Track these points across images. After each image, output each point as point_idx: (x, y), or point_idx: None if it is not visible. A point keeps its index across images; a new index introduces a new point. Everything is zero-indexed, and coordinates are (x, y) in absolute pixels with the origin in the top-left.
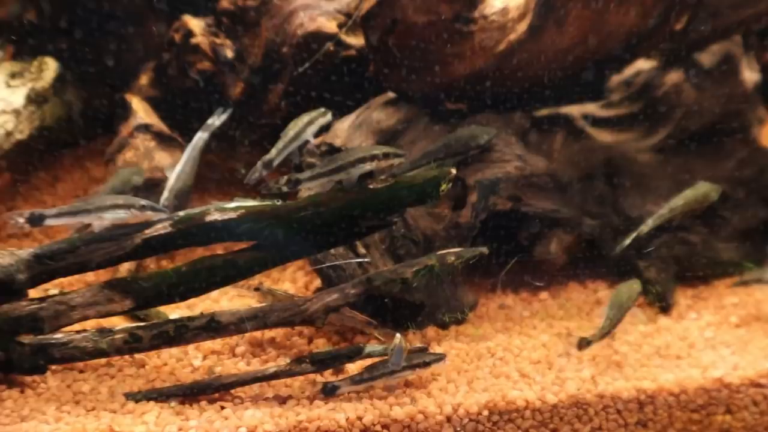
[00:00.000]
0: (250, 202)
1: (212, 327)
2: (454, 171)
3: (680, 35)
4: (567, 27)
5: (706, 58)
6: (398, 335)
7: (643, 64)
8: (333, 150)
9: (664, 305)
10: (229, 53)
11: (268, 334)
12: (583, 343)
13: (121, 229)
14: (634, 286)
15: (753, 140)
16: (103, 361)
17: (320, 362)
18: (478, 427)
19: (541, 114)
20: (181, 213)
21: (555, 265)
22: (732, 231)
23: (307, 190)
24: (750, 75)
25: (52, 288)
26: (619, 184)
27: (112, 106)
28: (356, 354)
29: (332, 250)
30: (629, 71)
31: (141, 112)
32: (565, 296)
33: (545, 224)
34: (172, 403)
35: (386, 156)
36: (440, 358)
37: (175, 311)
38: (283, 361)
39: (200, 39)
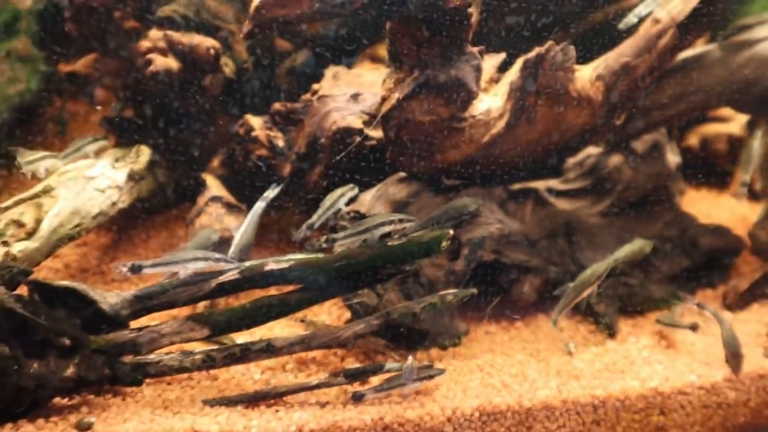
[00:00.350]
0: (299, 256)
1: (269, 349)
2: (451, 232)
3: (620, 129)
4: (535, 124)
5: (640, 145)
6: (410, 356)
7: (592, 150)
8: (359, 216)
9: (610, 332)
10: (281, 143)
11: (311, 354)
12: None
13: (200, 276)
14: (599, 266)
15: (676, 207)
16: (185, 375)
17: (351, 376)
18: (471, 425)
19: (515, 188)
20: (246, 264)
21: (527, 302)
22: (661, 276)
23: (340, 247)
24: (673, 158)
25: (147, 321)
26: (575, 241)
27: (192, 182)
28: (378, 370)
29: (359, 292)
30: (582, 155)
31: (214, 187)
32: (535, 325)
33: (520, 271)
34: (239, 408)
35: (400, 221)
36: (441, 372)
37: (240, 337)
38: (322, 375)
39: (259, 132)
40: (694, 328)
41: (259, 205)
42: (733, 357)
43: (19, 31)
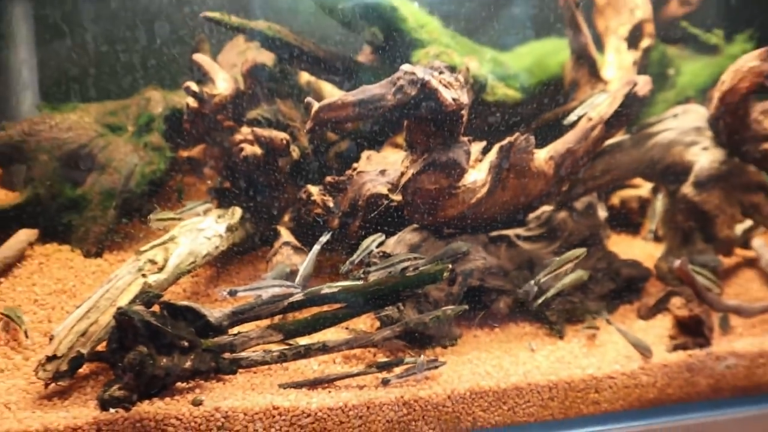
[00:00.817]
0: (344, 283)
1: (324, 348)
2: (450, 266)
3: (566, 193)
4: (507, 191)
5: (579, 204)
6: (421, 353)
7: (546, 208)
8: (386, 255)
9: (560, 335)
10: (331, 205)
11: (353, 352)
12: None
13: (276, 298)
14: (575, 252)
15: (604, 248)
16: (266, 367)
17: (381, 367)
18: (464, 401)
19: (493, 235)
20: (308, 289)
21: (502, 315)
22: (595, 295)
23: (373, 277)
24: (602, 213)
25: (240, 329)
26: (535, 271)
27: (270, 232)
28: (399, 363)
29: (386, 308)
30: (539, 212)
31: (285, 235)
32: (508, 331)
33: (497, 293)
34: (303, 390)
35: (415, 258)
36: (443, 363)
37: (303, 340)
38: (361, 366)
39: (316, 197)
40: (596, 328)
41: (316, 248)
42: (645, 351)
43: (153, 129)
